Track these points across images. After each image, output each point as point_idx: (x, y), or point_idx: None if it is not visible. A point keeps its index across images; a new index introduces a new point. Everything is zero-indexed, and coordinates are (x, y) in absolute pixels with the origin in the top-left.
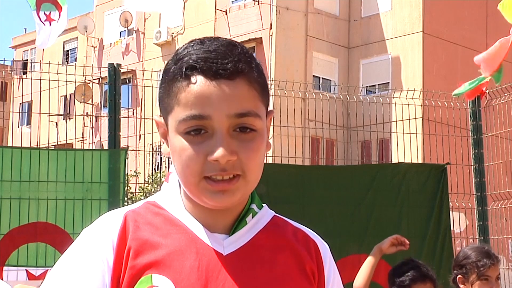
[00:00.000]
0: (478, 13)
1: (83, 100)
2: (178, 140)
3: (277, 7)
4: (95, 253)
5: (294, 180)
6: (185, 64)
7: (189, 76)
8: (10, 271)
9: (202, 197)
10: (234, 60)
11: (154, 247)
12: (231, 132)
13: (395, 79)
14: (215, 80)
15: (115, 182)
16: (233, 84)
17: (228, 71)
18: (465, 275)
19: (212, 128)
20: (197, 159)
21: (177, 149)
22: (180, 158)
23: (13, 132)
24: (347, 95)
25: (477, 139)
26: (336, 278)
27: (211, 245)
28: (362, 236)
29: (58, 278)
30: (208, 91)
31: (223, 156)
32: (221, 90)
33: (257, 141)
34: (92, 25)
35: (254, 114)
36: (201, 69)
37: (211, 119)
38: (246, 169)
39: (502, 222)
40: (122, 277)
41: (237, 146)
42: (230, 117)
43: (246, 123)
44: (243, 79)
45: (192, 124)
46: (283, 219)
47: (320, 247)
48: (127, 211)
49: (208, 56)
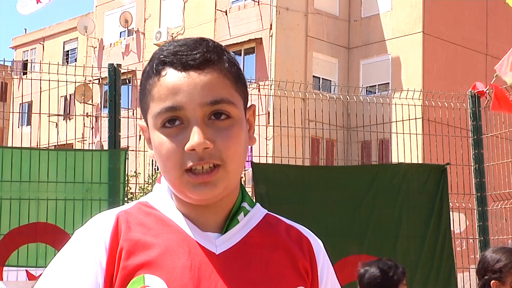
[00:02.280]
0: (478, 13)
1: (83, 101)
2: (156, 136)
3: (277, 8)
4: (88, 254)
5: (294, 181)
6: (156, 61)
7: (160, 71)
8: (10, 272)
9: (185, 191)
10: (203, 51)
11: (146, 247)
12: (206, 121)
13: (395, 79)
14: (184, 71)
15: (115, 183)
16: (203, 73)
17: (197, 61)
18: (501, 279)
19: (187, 119)
20: (176, 151)
21: (156, 145)
22: (161, 153)
23: (13, 133)
24: (347, 96)
25: (477, 139)
26: (330, 275)
27: (203, 245)
28: (362, 237)
29: (51, 279)
30: (179, 82)
31: (198, 144)
32: (191, 79)
33: (235, 129)
34: (92, 26)
35: (228, 101)
36: (170, 63)
37: (184, 109)
38: (225, 157)
39: (502, 222)
40: (115, 277)
41: (213, 135)
42: (203, 105)
43: (220, 109)
44: (213, 69)
45: (167, 116)
46: (276, 217)
47: (313, 244)
48: (119, 211)
49: (178, 50)
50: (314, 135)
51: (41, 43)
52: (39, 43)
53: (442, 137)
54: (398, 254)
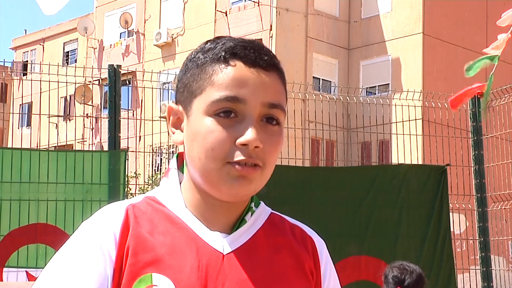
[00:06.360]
0: (478, 14)
1: (83, 101)
2: (205, 121)
3: (277, 8)
4: (97, 244)
5: (294, 181)
6: (224, 48)
7: (228, 59)
8: (10, 272)
9: (220, 184)
10: (269, 53)
11: (154, 245)
12: (259, 122)
13: (395, 80)
14: (253, 67)
15: (115, 183)
16: (268, 75)
17: (266, 61)
18: None
19: (243, 113)
20: (225, 142)
21: (202, 132)
22: (205, 141)
23: (13, 133)
24: (347, 96)
25: (477, 140)
26: (332, 275)
27: (211, 244)
28: (362, 237)
29: (57, 268)
30: (247, 76)
31: (254, 140)
32: (259, 77)
33: (279, 137)
34: (92, 26)
35: (282, 108)
36: (240, 55)
37: (245, 103)
38: (266, 162)
39: (502, 223)
40: (123, 273)
41: (262, 137)
42: (264, 105)
43: (275, 115)
44: (277, 73)
45: (225, 105)
46: (280, 216)
47: (316, 243)
48: (128, 205)
49: (247, 45)
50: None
51: (41, 44)
52: (39, 44)
53: (442, 138)
54: (398, 255)
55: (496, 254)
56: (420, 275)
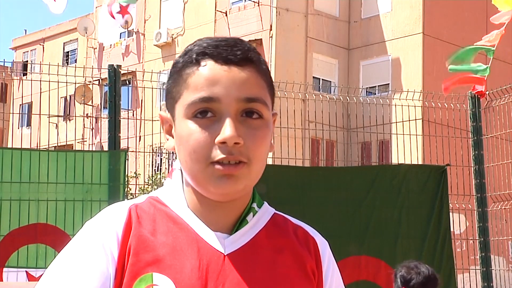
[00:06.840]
0: (478, 14)
1: (83, 102)
2: (185, 125)
3: (277, 9)
4: (100, 243)
5: (294, 182)
6: (196, 51)
7: (199, 61)
8: (10, 273)
9: (207, 184)
10: (244, 49)
11: (156, 244)
12: (239, 118)
13: (395, 80)
14: (225, 65)
15: (115, 184)
16: (242, 70)
17: (238, 57)
18: None
19: (220, 112)
20: (205, 142)
21: (184, 135)
22: (187, 144)
23: (13, 134)
24: (347, 96)
25: (477, 140)
26: (335, 275)
27: (212, 244)
28: (362, 237)
29: (61, 267)
30: (219, 75)
31: (231, 137)
32: (231, 74)
33: (264, 130)
34: (92, 27)
35: (262, 102)
36: (211, 55)
37: (220, 102)
38: (251, 156)
39: (502, 223)
40: (124, 272)
41: (244, 132)
42: (239, 101)
43: (254, 108)
44: (252, 68)
45: (200, 106)
46: (283, 216)
47: (319, 244)
48: (130, 205)
49: (219, 43)
50: (314, 136)
51: (41, 44)
52: (39, 44)
53: (442, 138)
54: (398, 255)
55: (496, 254)
56: (429, 277)
